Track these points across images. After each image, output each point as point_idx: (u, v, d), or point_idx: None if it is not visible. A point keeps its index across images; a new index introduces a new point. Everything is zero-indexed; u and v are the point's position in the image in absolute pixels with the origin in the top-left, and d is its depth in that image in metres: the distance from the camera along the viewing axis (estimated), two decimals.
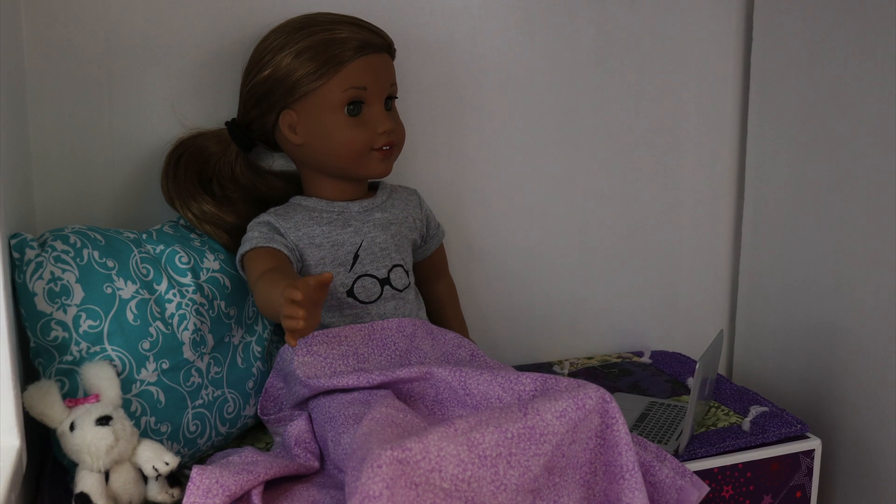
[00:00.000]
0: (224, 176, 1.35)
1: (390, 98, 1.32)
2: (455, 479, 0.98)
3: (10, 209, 1.13)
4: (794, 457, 1.33)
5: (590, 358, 1.66)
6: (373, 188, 1.39)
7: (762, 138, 1.64)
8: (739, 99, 1.70)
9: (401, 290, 1.31)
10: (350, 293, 1.28)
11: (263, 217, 1.29)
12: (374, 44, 1.28)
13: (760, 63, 1.63)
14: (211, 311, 1.25)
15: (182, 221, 1.33)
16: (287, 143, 1.31)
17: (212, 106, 1.39)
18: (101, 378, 1.10)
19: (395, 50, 1.34)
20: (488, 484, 1.00)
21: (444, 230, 1.46)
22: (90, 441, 1.04)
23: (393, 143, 1.30)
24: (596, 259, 1.67)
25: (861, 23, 1.41)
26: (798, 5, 1.53)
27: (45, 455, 1.26)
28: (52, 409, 1.06)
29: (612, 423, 1.08)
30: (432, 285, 1.47)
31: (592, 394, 1.07)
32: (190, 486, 1.01)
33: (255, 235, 1.26)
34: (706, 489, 1.14)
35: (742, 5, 1.66)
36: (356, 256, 1.29)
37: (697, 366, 1.23)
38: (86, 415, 1.06)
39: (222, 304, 1.27)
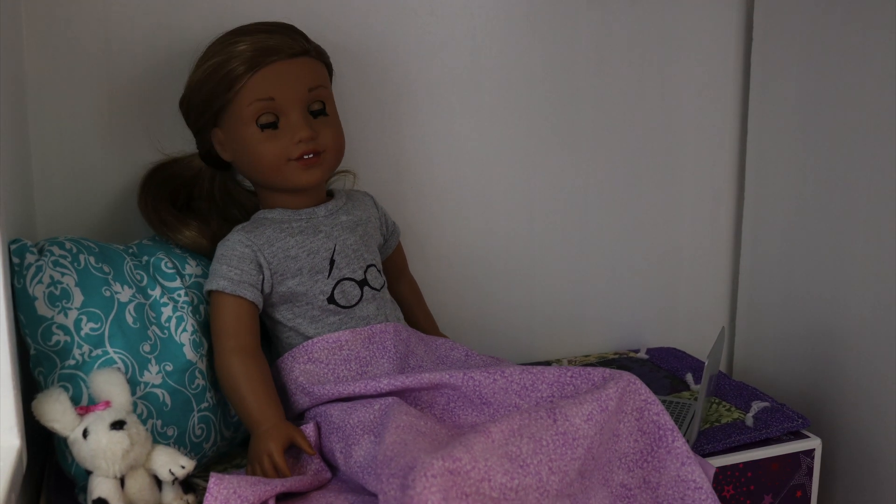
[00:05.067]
0: (202, 196, 1.34)
1: (319, 102, 1.26)
2: (504, 489, 0.97)
3: (11, 214, 1.12)
4: (794, 456, 1.33)
5: (587, 356, 1.66)
6: (330, 194, 1.34)
7: (762, 138, 1.64)
8: (739, 99, 1.69)
9: (378, 290, 1.28)
10: (331, 299, 1.25)
11: (234, 237, 1.24)
12: (281, 50, 1.22)
13: (760, 63, 1.63)
14: (198, 316, 1.24)
15: None
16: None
17: None
18: (112, 384, 1.08)
19: (321, 52, 1.29)
20: (534, 491, 1.00)
21: (400, 229, 1.44)
22: (106, 446, 1.02)
23: (315, 150, 1.23)
24: (596, 259, 1.67)
25: (861, 23, 1.41)
26: (798, 5, 1.53)
27: (45, 455, 1.26)
28: (64, 417, 1.04)
29: (646, 407, 1.13)
30: (395, 285, 1.43)
31: (614, 395, 1.10)
32: (207, 497, 1.00)
33: (224, 271, 1.21)
34: (712, 469, 1.16)
35: (742, 5, 1.66)
36: (332, 262, 1.25)
37: (707, 362, 1.24)
38: (98, 420, 1.04)
39: (204, 310, 1.26)
